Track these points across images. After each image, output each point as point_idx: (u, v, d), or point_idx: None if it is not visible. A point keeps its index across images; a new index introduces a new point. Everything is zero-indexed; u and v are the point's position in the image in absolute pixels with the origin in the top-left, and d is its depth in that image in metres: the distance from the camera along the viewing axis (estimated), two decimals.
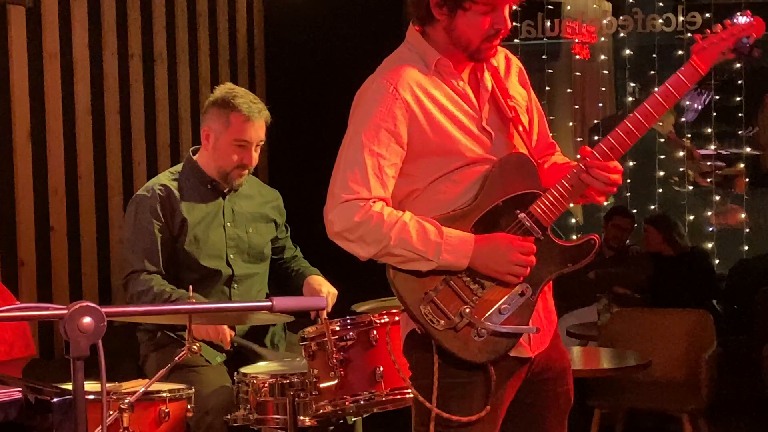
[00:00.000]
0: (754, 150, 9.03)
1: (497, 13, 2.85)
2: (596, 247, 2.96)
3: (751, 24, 2.92)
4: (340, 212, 2.84)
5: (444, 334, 2.86)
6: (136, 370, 4.40)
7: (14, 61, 5.36)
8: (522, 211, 2.92)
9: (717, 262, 8.17)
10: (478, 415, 2.88)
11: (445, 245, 2.82)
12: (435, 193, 2.94)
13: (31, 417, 2.08)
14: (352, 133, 2.90)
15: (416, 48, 2.97)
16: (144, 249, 4.20)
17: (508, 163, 2.95)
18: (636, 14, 8.29)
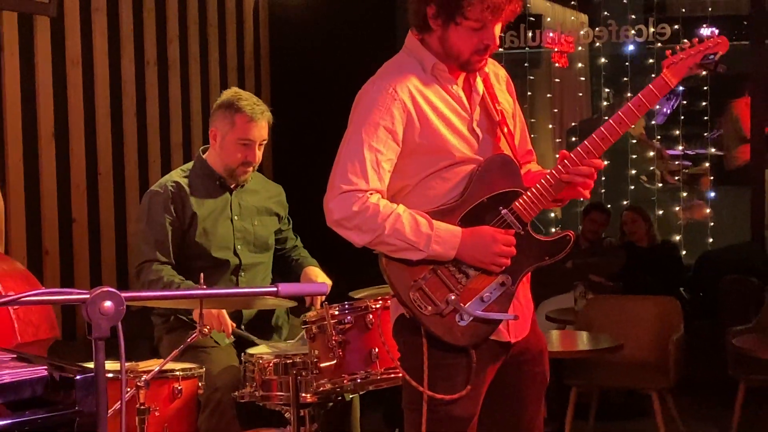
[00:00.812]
0: (719, 151, 9.04)
1: (486, 30, 2.86)
2: (571, 242, 2.98)
3: (717, 42, 2.95)
4: (340, 202, 2.84)
5: (430, 319, 2.87)
6: (151, 350, 4.41)
7: (39, 68, 5.36)
8: (504, 208, 2.93)
9: (684, 253, 8.17)
10: (459, 394, 2.90)
11: (434, 237, 2.83)
12: (425, 189, 2.95)
13: (55, 393, 2.08)
14: (353, 130, 2.91)
15: (414, 53, 2.97)
16: (156, 241, 4.20)
17: (493, 163, 2.96)
18: (610, 26, 8.29)
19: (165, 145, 6.32)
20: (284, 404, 3.71)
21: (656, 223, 7.71)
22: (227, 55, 6.93)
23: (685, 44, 2.96)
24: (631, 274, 7.07)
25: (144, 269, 4.19)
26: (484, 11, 2.81)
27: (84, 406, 2.04)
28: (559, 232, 2.99)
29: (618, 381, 5.73)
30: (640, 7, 8.64)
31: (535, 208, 2.94)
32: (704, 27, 8.46)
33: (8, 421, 2.01)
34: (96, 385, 1.86)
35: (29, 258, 5.20)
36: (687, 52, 2.94)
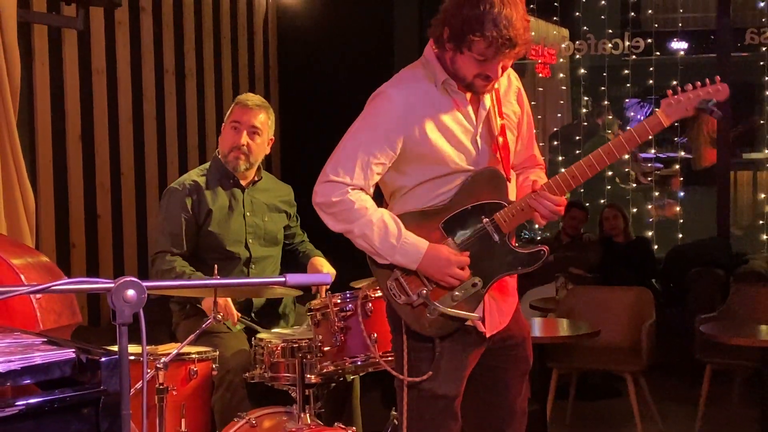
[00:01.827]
0: (687, 154, 9.05)
1: (489, 64, 2.80)
2: (545, 257, 2.96)
3: (717, 89, 2.86)
4: (324, 188, 2.89)
5: (402, 308, 2.91)
6: (169, 335, 4.40)
7: (68, 76, 5.35)
8: (486, 217, 2.92)
9: (656, 247, 8.18)
10: (421, 378, 2.91)
11: (399, 248, 2.86)
12: (421, 192, 2.95)
13: (82, 373, 2.07)
14: (356, 128, 2.93)
15: (429, 65, 2.93)
16: (171, 233, 4.20)
17: (482, 175, 2.95)
18: (589, 39, 8.29)
19: (182, 147, 6.32)
20: (291, 384, 3.71)
21: (630, 220, 7.71)
22: (239, 65, 6.92)
23: (688, 87, 2.87)
24: (608, 267, 7.08)
25: (158, 259, 4.19)
26: (487, 49, 2.75)
27: (108, 385, 2.03)
28: (535, 247, 2.98)
29: (595, 364, 5.73)
30: (616, 23, 8.64)
31: (515, 221, 2.93)
32: (675, 40, 8.47)
33: (39, 399, 2.01)
34: (120, 367, 1.86)
35: (58, 251, 5.20)
36: (686, 96, 2.86)
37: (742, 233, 8.73)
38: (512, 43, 2.74)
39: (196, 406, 3.73)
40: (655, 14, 8.62)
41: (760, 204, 8.63)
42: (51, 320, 2.67)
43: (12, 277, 2.63)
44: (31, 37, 5.08)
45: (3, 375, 1.96)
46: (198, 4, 6.48)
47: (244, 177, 4.35)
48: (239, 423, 3.67)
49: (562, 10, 8.36)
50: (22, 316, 2.61)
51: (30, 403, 1.98)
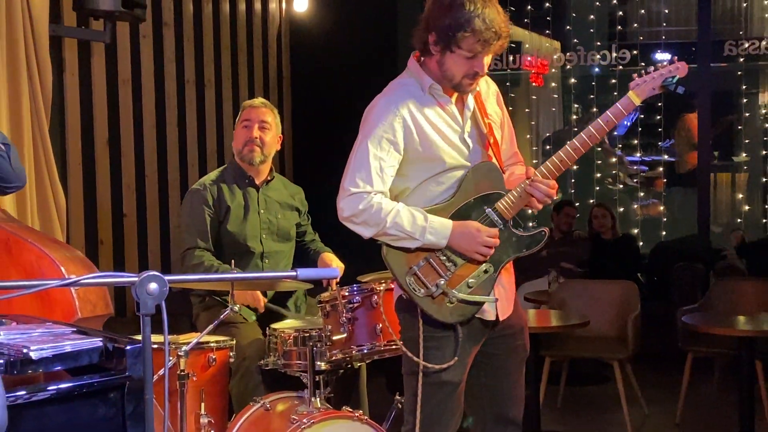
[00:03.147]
0: (671, 157, 9.03)
1: (477, 60, 2.86)
2: (546, 237, 3.00)
3: (677, 67, 2.93)
4: (348, 202, 2.88)
5: (423, 300, 2.89)
6: (190, 325, 4.41)
7: (96, 86, 5.35)
8: (489, 207, 2.95)
9: (641, 244, 8.16)
10: (448, 364, 2.92)
11: (429, 228, 2.86)
12: (424, 191, 2.97)
13: (109, 360, 2.08)
14: (360, 141, 2.94)
15: (415, 75, 2.99)
16: (197, 230, 4.21)
17: (480, 169, 2.98)
18: (579, 51, 8.28)
19: (202, 151, 6.32)
20: (302, 371, 3.70)
21: (618, 218, 7.70)
22: (255, 74, 6.92)
23: (649, 69, 2.95)
24: (596, 262, 7.07)
25: (187, 255, 4.20)
26: (476, 44, 2.82)
27: (133, 371, 2.04)
28: (536, 228, 3.00)
29: (585, 352, 5.72)
30: (604, 36, 8.63)
31: (515, 208, 2.96)
32: (659, 52, 8.46)
33: (69, 384, 2.01)
34: (143, 354, 1.86)
35: (87, 247, 5.20)
36: (650, 76, 2.93)
37: (721, 231, 8.71)
38: (498, 34, 2.83)
39: (214, 391, 3.73)
40: (640, 27, 8.61)
41: (738, 203, 8.62)
42: (87, 310, 2.68)
43: (54, 270, 2.64)
44: (62, 50, 5.08)
45: (36, 362, 1.97)
46: (216, 18, 6.48)
47: (258, 175, 4.35)
48: (254, 406, 3.68)
49: (554, 24, 8.35)
50: (62, 305, 2.63)
51: (60, 388, 1.99)
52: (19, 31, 4.34)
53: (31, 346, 1.98)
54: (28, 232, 2.81)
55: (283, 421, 3.50)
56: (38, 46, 4.46)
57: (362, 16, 7.11)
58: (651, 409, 5.66)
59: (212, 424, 3.64)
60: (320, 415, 3.45)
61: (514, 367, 3.12)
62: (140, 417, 2.03)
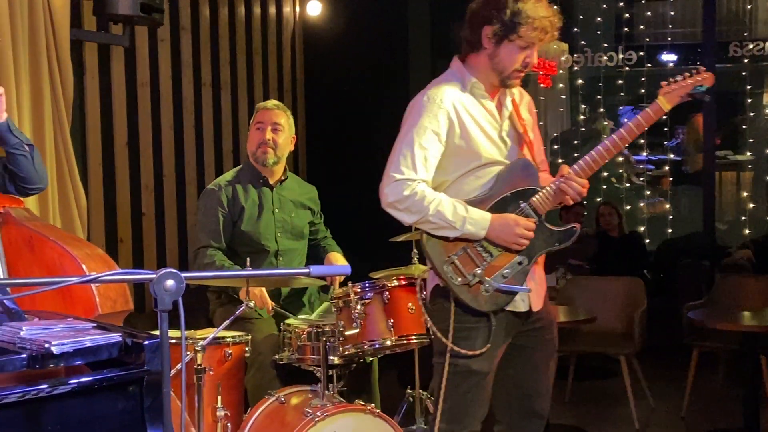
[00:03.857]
0: (677, 156, 9.00)
1: (531, 50, 2.95)
2: (577, 233, 3.05)
3: (704, 77, 3.00)
4: (393, 188, 2.90)
5: (459, 288, 2.92)
6: (206, 321, 4.42)
7: (115, 88, 5.37)
8: (524, 201, 2.98)
9: (647, 241, 8.14)
10: (480, 350, 2.93)
11: (469, 219, 2.89)
12: (461, 184, 3.00)
13: (128, 355, 2.09)
14: (406, 131, 2.96)
15: (457, 73, 3.04)
16: (211, 230, 4.21)
17: (516, 165, 3.02)
18: (586, 52, 8.26)
19: (218, 152, 6.33)
20: (316, 365, 3.71)
21: (624, 216, 7.68)
22: (269, 77, 6.93)
23: (678, 77, 3.01)
24: (603, 259, 7.05)
25: (200, 254, 4.20)
26: (533, 32, 2.90)
27: (151, 366, 2.05)
28: (568, 225, 3.06)
29: (592, 347, 5.71)
30: (611, 37, 8.60)
31: (548, 204, 3.00)
32: (665, 53, 8.43)
33: (90, 378, 2.03)
34: (161, 349, 1.87)
35: (107, 245, 5.22)
36: (679, 84, 2.99)
37: (726, 228, 8.68)
38: (552, 25, 2.94)
39: (230, 384, 3.74)
40: (647, 29, 8.57)
41: (743, 201, 8.58)
42: (108, 306, 2.69)
43: (75, 267, 2.66)
44: (83, 54, 5.10)
45: (57, 356, 1.98)
46: (232, 22, 6.49)
47: (272, 175, 4.36)
48: (269, 400, 3.69)
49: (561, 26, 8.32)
50: (84, 302, 2.64)
51: (81, 382, 2.01)
52: (41, 35, 4.36)
53: (52, 341, 1.99)
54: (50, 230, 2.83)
55: (297, 414, 3.51)
56: (59, 50, 4.49)
57: (374, 19, 7.11)
58: (657, 403, 5.65)
59: (228, 417, 3.65)
60: (333, 409, 3.46)
61: (543, 360, 3.13)
62: (158, 410, 2.04)
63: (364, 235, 3.28)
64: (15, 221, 2.79)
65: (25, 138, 2.99)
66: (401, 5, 7.28)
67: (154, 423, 2.05)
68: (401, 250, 4.42)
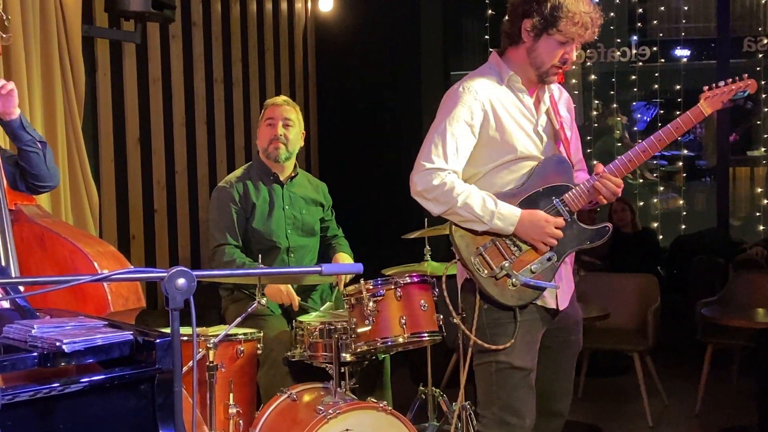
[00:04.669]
0: (690, 152, 8.95)
1: (569, 47, 2.92)
2: (610, 232, 3.02)
3: (747, 83, 2.99)
4: (422, 177, 2.88)
5: (486, 281, 2.90)
6: (218, 318, 4.42)
7: (127, 85, 5.38)
8: (557, 198, 2.95)
9: (661, 237, 8.09)
10: (504, 345, 2.91)
11: (497, 213, 2.87)
12: (494, 177, 2.98)
13: (139, 353, 2.09)
14: (440, 120, 2.93)
15: (495, 66, 3.02)
16: (226, 227, 4.21)
17: (551, 161, 2.99)
18: (599, 48, 8.22)
19: (230, 148, 6.33)
20: (328, 362, 3.70)
21: (637, 213, 7.64)
22: (281, 73, 6.93)
23: (720, 83, 3.00)
24: (617, 255, 7.02)
25: (218, 252, 4.19)
26: (573, 27, 2.87)
27: (163, 364, 2.05)
28: (601, 224, 3.04)
29: (605, 344, 5.69)
30: (624, 33, 8.55)
31: (581, 201, 2.97)
32: (678, 48, 8.38)
33: (101, 376, 2.02)
34: (172, 347, 1.86)
35: (119, 241, 5.23)
36: (722, 89, 2.98)
37: (740, 224, 8.63)
38: (592, 21, 2.90)
39: (243, 381, 3.74)
40: (660, 24, 8.52)
41: (757, 197, 8.52)
42: (119, 304, 2.69)
43: (87, 265, 2.65)
44: (95, 50, 5.11)
45: (69, 355, 1.97)
46: (244, 19, 6.49)
47: (283, 172, 4.35)
48: (282, 397, 3.68)
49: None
50: (95, 299, 2.64)
51: (93, 380, 2.00)
52: (53, 32, 4.36)
53: (64, 339, 1.98)
54: (62, 227, 2.82)
55: (310, 411, 3.50)
56: (71, 47, 4.49)
57: (386, 15, 7.10)
58: (671, 399, 5.62)
59: (240, 414, 3.64)
60: (346, 406, 3.45)
61: (566, 360, 3.13)
62: (170, 408, 2.04)
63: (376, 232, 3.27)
64: (27, 218, 2.79)
65: (38, 135, 2.99)
66: (413, 1, 7.26)
67: (166, 421, 2.05)
68: (414, 247, 4.42)
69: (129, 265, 2.92)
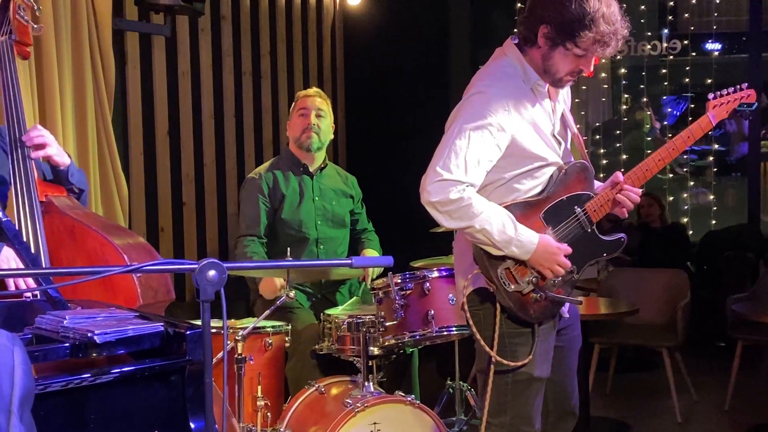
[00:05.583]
0: (721, 147, 8.86)
1: (586, 59, 2.76)
2: (624, 243, 2.97)
3: (747, 94, 3.00)
4: (438, 187, 2.68)
5: (511, 295, 2.80)
6: (246, 311, 4.43)
7: (156, 78, 5.40)
8: (579, 207, 2.88)
9: (691, 233, 8.02)
10: (522, 362, 2.84)
11: (515, 241, 2.73)
12: (515, 184, 2.84)
13: (169, 345, 2.09)
14: (461, 126, 2.73)
15: (517, 63, 2.84)
16: (251, 219, 4.23)
17: (574, 167, 2.90)
18: (630, 41, 8.14)
19: (258, 141, 6.35)
20: (356, 356, 3.70)
21: (667, 207, 7.58)
22: (309, 66, 6.93)
23: (723, 92, 2.99)
24: (646, 250, 6.97)
25: (240, 242, 4.23)
26: (594, 44, 2.71)
27: (193, 355, 2.05)
28: (616, 235, 2.97)
29: (634, 339, 5.65)
30: (654, 26, 8.47)
31: (602, 211, 2.91)
32: (710, 42, 8.29)
33: (132, 367, 2.02)
34: (203, 339, 1.86)
35: (148, 234, 5.26)
36: (726, 99, 2.97)
37: None
38: (616, 36, 2.74)
39: (271, 374, 3.75)
40: (691, 17, 8.43)
41: None
42: (149, 296, 2.69)
43: (117, 257, 2.66)
44: (124, 44, 5.13)
45: (100, 346, 1.98)
46: (273, 12, 6.50)
47: (313, 163, 4.36)
48: (309, 390, 3.69)
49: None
50: (125, 291, 2.64)
51: (124, 371, 2.00)
52: (84, 25, 4.39)
53: (95, 330, 1.99)
54: (92, 219, 2.83)
55: (338, 404, 3.51)
56: (102, 40, 4.52)
57: (414, 7, 7.08)
58: (700, 396, 5.58)
59: (268, 407, 3.65)
60: (373, 400, 3.45)
61: (574, 357, 3.09)
62: (200, 400, 2.04)
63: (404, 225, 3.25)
64: (57, 210, 2.80)
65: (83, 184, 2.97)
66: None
67: (196, 413, 2.04)
68: (441, 240, 4.40)
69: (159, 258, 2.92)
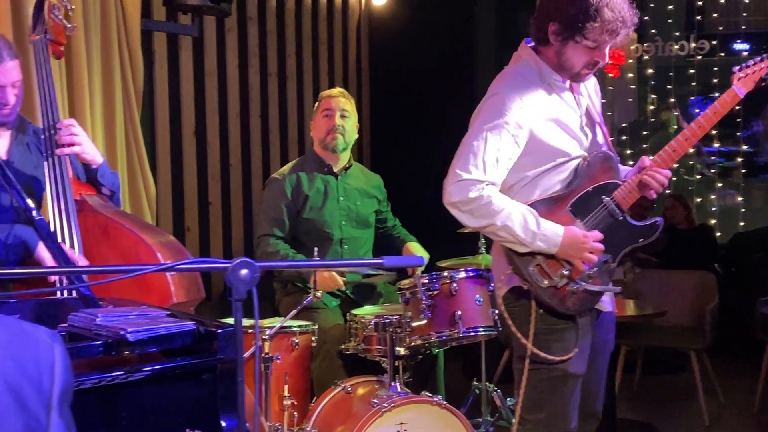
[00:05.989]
0: (750, 148, 8.80)
1: (600, 50, 2.77)
2: (661, 227, 2.92)
3: None
4: (459, 187, 2.72)
5: (546, 291, 2.80)
6: (271, 310, 4.45)
7: (183, 78, 5.43)
8: (607, 196, 2.86)
9: (718, 234, 7.97)
10: (568, 356, 2.83)
11: (540, 235, 2.74)
12: (541, 180, 2.85)
13: (201, 343, 2.11)
14: (479, 127, 2.77)
15: (533, 64, 2.86)
16: (274, 218, 4.25)
17: (597, 157, 2.89)
18: (657, 41, 8.10)
19: (283, 141, 6.37)
20: (382, 356, 3.71)
21: (695, 209, 7.53)
22: (335, 67, 6.95)
23: (750, 62, 2.89)
24: (673, 252, 6.93)
25: (262, 242, 4.24)
26: (603, 34, 2.72)
27: (224, 354, 2.07)
28: (652, 219, 2.94)
29: (661, 341, 5.63)
30: (682, 26, 8.42)
31: (631, 198, 2.88)
32: (738, 42, 8.23)
33: (164, 366, 2.05)
34: (236, 338, 1.88)
35: (174, 233, 5.28)
36: (752, 68, 2.87)
37: None
38: (624, 23, 2.73)
39: (297, 373, 3.77)
40: (720, 17, 8.37)
41: None
42: (181, 294, 2.71)
43: (150, 255, 2.68)
44: (152, 44, 5.17)
45: (132, 343, 2.00)
46: (299, 13, 6.52)
47: (337, 163, 4.38)
48: (336, 389, 3.70)
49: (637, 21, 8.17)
50: (158, 289, 2.66)
51: (155, 369, 2.03)
52: (113, 25, 4.43)
53: (128, 328, 2.01)
54: (125, 217, 2.86)
55: (364, 404, 3.52)
56: (130, 40, 4.55)
57: (439, 8, 7.08)
58: (728, 399, 5.55)
59: (295, 406, 3.67)
60: (400, 400, 3.46)
61: (605, 360, 3.07)
62: (232, 398, 2.06)
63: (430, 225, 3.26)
64: (91, 209, 2.83)
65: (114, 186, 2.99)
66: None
67: (228, 411, 2.06)
68: (467, 240, 4.41)
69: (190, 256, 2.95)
